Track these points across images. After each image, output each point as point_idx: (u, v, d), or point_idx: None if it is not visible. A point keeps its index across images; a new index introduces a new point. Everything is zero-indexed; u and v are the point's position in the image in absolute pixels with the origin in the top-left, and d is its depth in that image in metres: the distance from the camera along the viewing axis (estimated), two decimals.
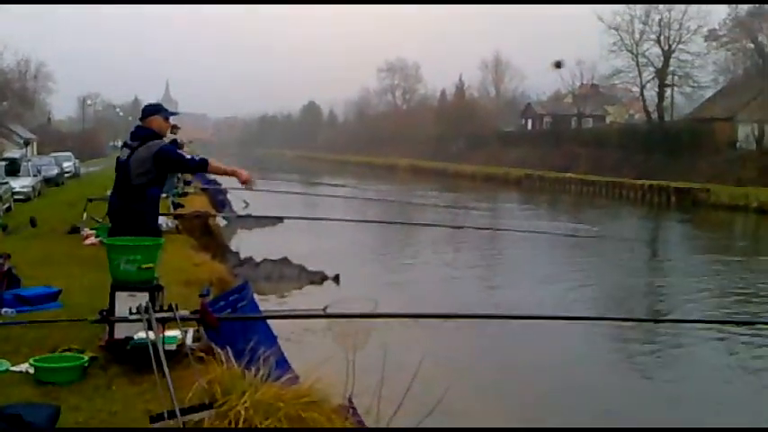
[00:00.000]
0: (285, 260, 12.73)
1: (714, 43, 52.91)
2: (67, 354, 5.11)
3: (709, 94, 53.38)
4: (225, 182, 24.66)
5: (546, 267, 16.14)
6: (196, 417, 3.86)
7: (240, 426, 3.82)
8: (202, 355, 4.81)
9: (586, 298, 13.00)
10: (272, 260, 12.72)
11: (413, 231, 22.09)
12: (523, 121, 75.50)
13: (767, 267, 17.77)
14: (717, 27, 52.46)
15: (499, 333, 9.75)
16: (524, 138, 68.00)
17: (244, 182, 6.14)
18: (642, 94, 52.72)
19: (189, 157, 6.17)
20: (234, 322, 5.30)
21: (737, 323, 10.96)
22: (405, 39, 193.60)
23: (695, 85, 52.43)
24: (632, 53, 51.06)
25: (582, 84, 65.00)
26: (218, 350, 4.83)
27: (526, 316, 9.35)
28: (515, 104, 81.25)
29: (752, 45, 52.51)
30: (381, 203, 28.37)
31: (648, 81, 51.42)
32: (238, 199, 20.35)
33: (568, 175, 47.20)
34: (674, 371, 8.92)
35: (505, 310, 10.86)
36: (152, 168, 5.84)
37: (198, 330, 5.33)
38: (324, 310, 6.40)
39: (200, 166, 6.22)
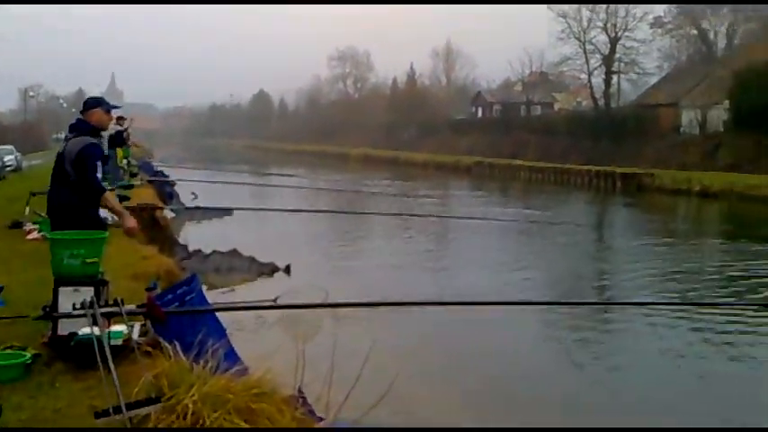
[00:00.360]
0: (235, 252, 12.63)
1: (659, 30, 54.12)
2: (9, 351, 5.00)
3: (654, 80, 54.66)
4: (172, 173, 24.39)
5: (495, 253, 16.36)
6: (143, 411, 3.82)
7: (188, 418, 3.81)
8: (149, 349, 4.78)
9: (535, 283, 13.21)
10: (221, 252, 12.60)
11: (364, 220, 22.13)
12: (474, 109, 76.08)
13: (709, 249, 18.32)
14: (662, 14, 53.68)
15: (449, 319, 9.86)
16: (475, 125, 68.58)
17: (127, 230, 6.01)
18: (589, 81, 53.59)
19: (98, 175, 5.83)
20: (182, 315, 5.25)
21: (680, 304, 11.27)
22: (356, 26, 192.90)
23: (641, 71, 53.51)
24: (580, 40, 51.87)
25: (531, 72, 65.83)
26: (166, 344, 4.80)
27: (475, 302, 9.44)
28: (466, 92, 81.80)
29: (695, 32, 53.85)
30: (333, 193, 28.35)
31: (596, 68, 52.28)
32: (186, 191, 20.10)
33: (518, 162, 47.83)
34: (620, 353, 9.14)
35: (455, 296, 10.98)
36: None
37: (145, 325, 5.27)
38: (274, 301, 6.40)
39: (97, 191, 5.86)
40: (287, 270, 12.53)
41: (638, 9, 50.68)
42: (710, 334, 9.57)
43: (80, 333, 4.83)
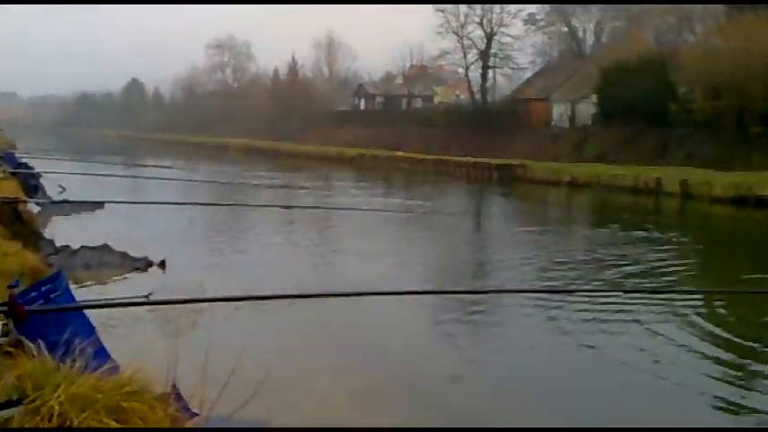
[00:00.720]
0: (106, 247, 12.13)
1: (532, 27, 56.36)
2: None
3: (527, 75, 56.89)
4: (38, 165, 23.09)
5: (378, 244, 16.55)
6: (4, 414, 3.64)
7: (54, 419, 3.66)
8: (11, 350, 4.55)
9: (416, 272, 13.48)
10: (91, 247, 12.06)
11: (246, 213, 21.80)
12: (356, 101, 76.48)
13: (578, 237, 19.35)
14: (535, 11, 55.89)
15: (331, 310, 9.90)
16: (357, 117, 68.98)
17: None
18: (467, 75, 55.11)
19: None
20: (46, 314, 5.02)
21: (552, 291, 11.80)
22: (234, 15, 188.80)
23: (515, 66, 55.58)
24: (457, 35, 53.19)
25: (411, 65, 66.94)
26: (29, 344, 4.58)
27: (357, 293, 9.52)
28: (348, 84, 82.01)
29: (566, 29, 56.47)
30: (213, 185, 27.72)
31: (473, 63, 53.83)
32: (53, 183, 19.07)
33: (400, 153, 48.56)
34: (499, 339, 9.50)
35: (338, 287, 11.05)
36: None
37: (6, 324, 5.00)
38: (147, 297, 6.21)
39: None
40: (162, 265, 12.17)
41: (513, 6, 52.62)
42: (574, 320, 10.07)
43: None
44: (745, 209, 24.24)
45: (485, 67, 52.98)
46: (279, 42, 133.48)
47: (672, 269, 13.93)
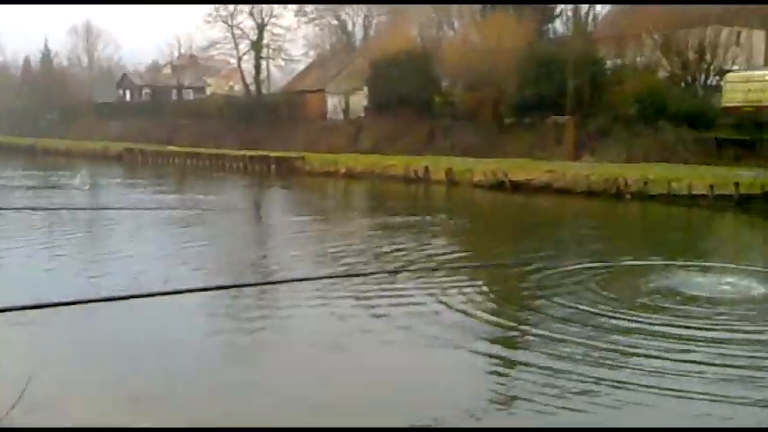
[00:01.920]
0: None
1: (303, 18, 56.70)
2: None
3: (301, 67, 57.22)
4: None
5: (149, 245, 15.70)
6: None
7: None
8: None
9: (193, 271, 12.92)
10: None
11: None
12: (121, 93, 72.19)
13: (352, 225, 19.83)
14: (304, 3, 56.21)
15: (100, 317, 9.24)
16: (123, 110, 65.17)
17: None
18: (239, 66, 54.22)
19: None
20: None
21: (337, 276, 11.91)
22: None
23: (288, 58, 55.67)
24: (227, 24, 52.07)
25: (180, 54, 64.42)
26: None
27: (128, 296, 8.94)
28: (112, 75, 77.17)
29: (336, 22, 57.55)
30: None
31: (245, 53, 53.07)
32: None
33: (171, 147, 46.63)
34: (279, 328, 9.39)
35: (110, 292, 10.28)
36: None
37: None
38: None
39: None
40: None
41: None
42: (359, 300, 10.35)
43: None
44: (502, 192, 26.37)
45: (258, 58, 52.49)
46: (30, 29, 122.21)
47: (441, 249, 14.75)
